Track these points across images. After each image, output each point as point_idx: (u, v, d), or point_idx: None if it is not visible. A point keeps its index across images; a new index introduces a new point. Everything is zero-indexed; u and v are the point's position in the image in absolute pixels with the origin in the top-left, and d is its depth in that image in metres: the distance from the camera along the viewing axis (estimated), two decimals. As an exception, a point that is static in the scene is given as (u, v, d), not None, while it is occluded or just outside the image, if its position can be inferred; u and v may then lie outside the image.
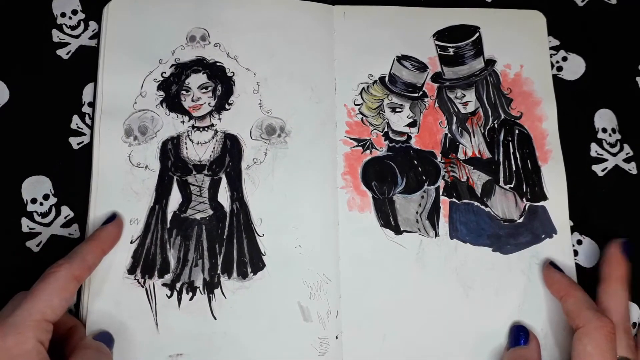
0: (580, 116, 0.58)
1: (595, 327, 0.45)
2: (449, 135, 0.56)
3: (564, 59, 0.60)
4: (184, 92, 0.55)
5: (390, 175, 0.55)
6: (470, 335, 0.51)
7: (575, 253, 0.54)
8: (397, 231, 0.53)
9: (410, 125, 0.56)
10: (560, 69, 0.59)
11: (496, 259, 0.53)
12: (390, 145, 0.56)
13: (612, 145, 0.57)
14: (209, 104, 0.55)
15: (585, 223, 0.55)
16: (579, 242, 0.55)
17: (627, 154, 0.57)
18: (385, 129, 0.56)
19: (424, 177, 0.55)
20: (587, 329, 0.45)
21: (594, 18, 0.61)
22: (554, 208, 0.55)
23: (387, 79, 0.57)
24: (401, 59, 0.58)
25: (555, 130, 0.57)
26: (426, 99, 0.57)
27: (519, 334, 0.50)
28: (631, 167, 0.57)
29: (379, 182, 0.54)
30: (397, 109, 0.57)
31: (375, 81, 0.57)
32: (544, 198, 0.55)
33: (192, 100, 0.55)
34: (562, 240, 0.54)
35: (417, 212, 0.54)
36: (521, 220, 0.54)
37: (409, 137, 0.56)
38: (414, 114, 0.57)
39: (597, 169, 0.57)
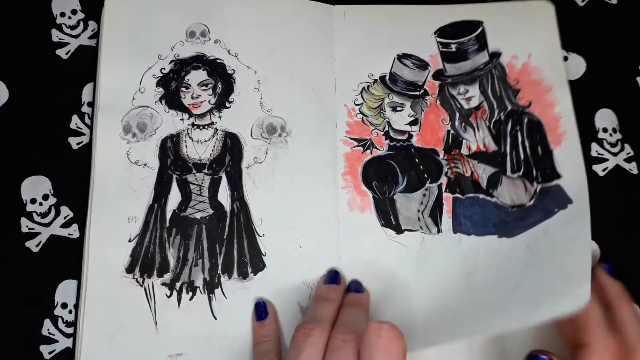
0: (581, 116, 0.58)
1: (604, 349, 0.42)
2: (452, 131, 0.56)
3: (565, 58, 0.60)
4: (183, 89, 0.55)
5: (391, 174, 0.55)
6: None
7: (577, 252, 0.54)
8: (398, 230, 0.53)
9: (411, 123, 0.56)
10: (560, 68, 0.59)
11: (501, 244, 0.52)
12: (391, 144, 0.55)
13: (613, 145, 0.57)
14: (209, 101, 0.55)
15: (585, 223, 0.55)
16: (580, 242, 0.54)
17: (627, 153, 0.57)
18: (386, 128, 0.56)
19: (425, 175, 0.55)
20: (594, 349, 0.43)
21: (594, 18, 0.61)
22: (569, 182, 0.54)
23: (387, 78, 0.57)
24: (402, 57, 0.58)
25: (570, 111, 0.56)
26: (427, 97, 0.57)
27: None
28: (632, 167, 0.57)
29: (380, 181, 0.54)
30: (398, 108, 0.57)
31: (375, 80, 0.57)
32: (557, 176, 0.54)
33: (192, 98, 0.55)
34: (579, 209, 0.52)
35: (418, 210, 0.54)
36: (532, 202, 0.54)
37: (410, 136, 0.56)
38: (415, 113, 0.57)
39: (598, 168, 0.57)
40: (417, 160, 0.55)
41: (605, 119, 0.58)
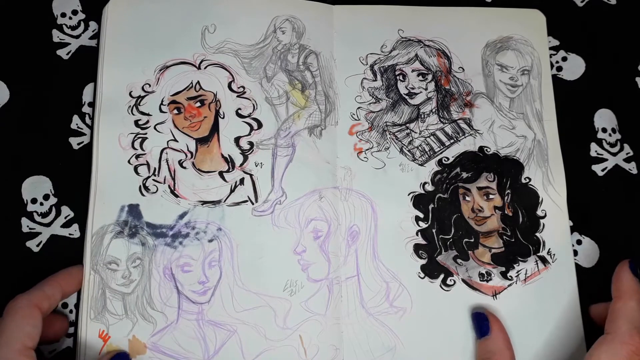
0: (580, 116, 0.58)
1: (622, 341, 0.42)
2: None
3: (564, 59, 0.59)
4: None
5: None
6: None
7: (575, 253, 0.54)
8: None
9: None
10: (560, 69, 0.59)
11: None
12: None
13: (612, 145, 0.57)
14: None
15: (585, 223, 0.55)
16: (579, 242, 0.54)
17: (627, 153, 0.57)
18: None
19: None
20: (612, 337, 0.43)
21: (593, 18, 0.61)
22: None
23: None
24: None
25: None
26: None
27: (481, 324, 0.48)
28: (631, 167, 0.57)
29: None
30: None
31: None
32: None
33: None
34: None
35: None
36: None
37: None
38: None
39: (597, 168, 0.57)
40: None
41: (604, 119, 0.58)
